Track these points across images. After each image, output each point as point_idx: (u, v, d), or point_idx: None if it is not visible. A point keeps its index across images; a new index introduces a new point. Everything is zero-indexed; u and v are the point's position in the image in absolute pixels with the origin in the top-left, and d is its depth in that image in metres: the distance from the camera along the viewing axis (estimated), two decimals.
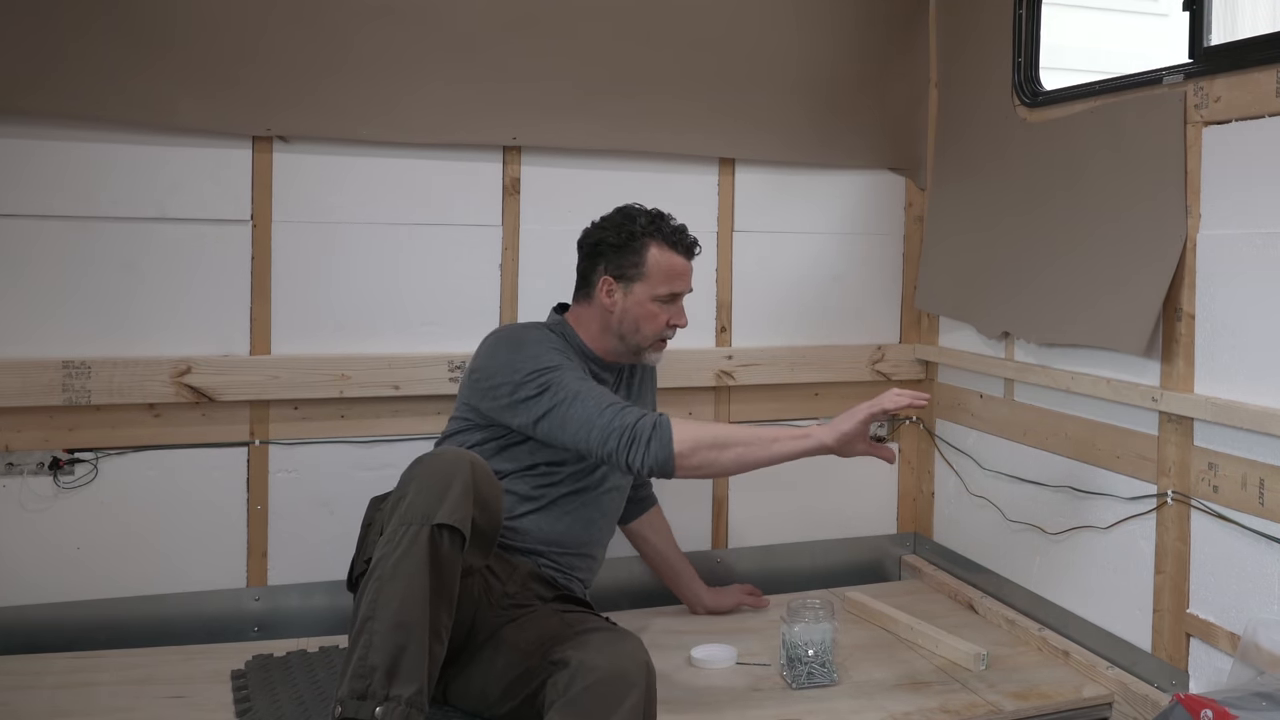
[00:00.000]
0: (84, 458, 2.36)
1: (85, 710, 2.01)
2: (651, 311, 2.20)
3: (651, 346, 2.24)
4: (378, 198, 2.53)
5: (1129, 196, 2.22)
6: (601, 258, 2.20)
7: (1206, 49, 2.08)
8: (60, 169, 2.31)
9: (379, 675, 1.64)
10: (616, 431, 1.95)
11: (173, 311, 2.40)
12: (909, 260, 2.97)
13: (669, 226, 2.22)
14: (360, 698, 1.63)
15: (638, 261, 2.19)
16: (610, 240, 2.20)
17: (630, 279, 2.19)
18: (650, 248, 2.19)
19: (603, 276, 2.20)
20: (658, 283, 2.19)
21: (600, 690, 1.74)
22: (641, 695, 1.76)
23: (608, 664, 1.78)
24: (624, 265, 2.19)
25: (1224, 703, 1.64)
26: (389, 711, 1.62)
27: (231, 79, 2.37)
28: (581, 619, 2.00)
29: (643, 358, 2.26)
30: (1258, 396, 1.94)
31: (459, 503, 1.73)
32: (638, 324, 2.20)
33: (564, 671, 1.78)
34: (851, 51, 2.84)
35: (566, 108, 2.60)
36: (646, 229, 2.19)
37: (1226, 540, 2.01)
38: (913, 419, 2.99)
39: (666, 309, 2.21)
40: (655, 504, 2.56)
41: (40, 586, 2.32)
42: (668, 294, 2.20)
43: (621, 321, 2.20)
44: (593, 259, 2.22)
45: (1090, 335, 2.31)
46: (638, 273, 2.19)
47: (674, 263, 2.21)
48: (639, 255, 2.18)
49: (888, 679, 2.23)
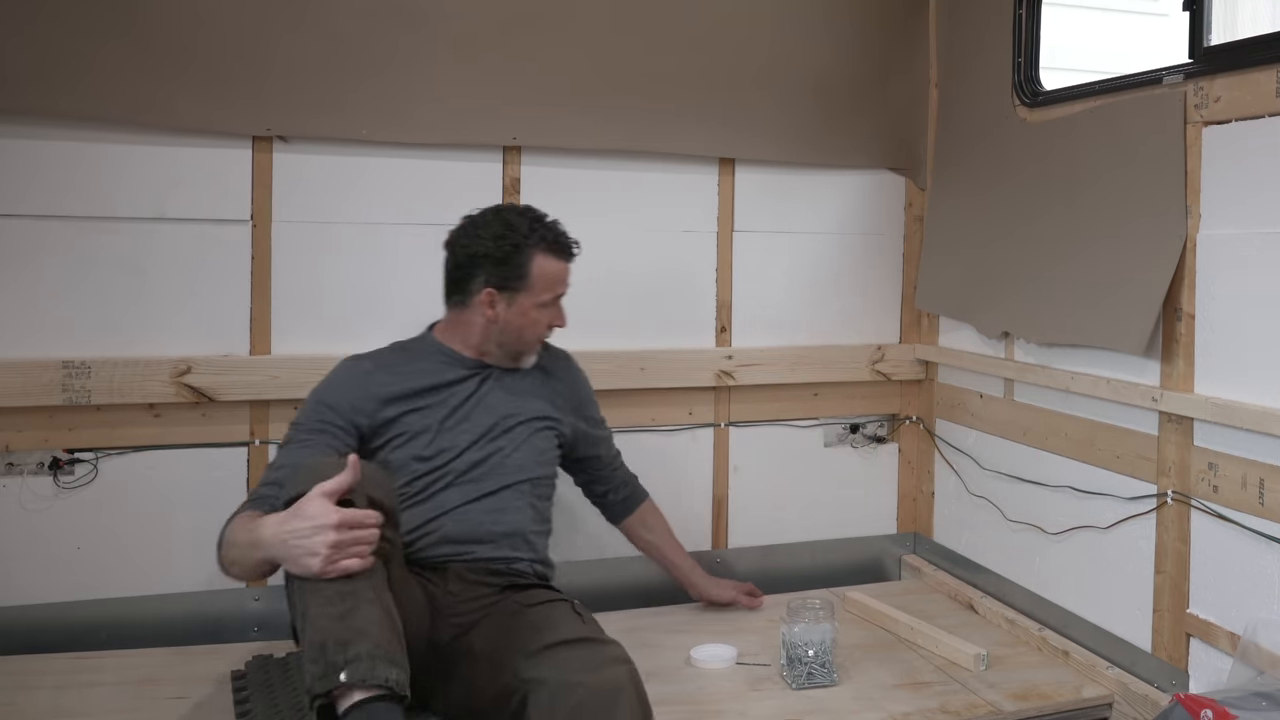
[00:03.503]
0: (84, 458, 2.36)
1: (85, 710, 2.01)
2: (535, 319, 2.16)
3: (532, 350, 2.22)
4: (378, 198, 2.53)
5: (1129, 196, 2.22)
6: (481, 269, 2.13)
7: (1206, 49, 2.08)
8: (60, 169, 2.31)
9: (330, 647, 1.58)
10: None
11: (173, 311, 2.40)
12: (909, 260, 2.97)
13: (552, 233, 2.16)
14: (322, 676, 1.57)
15: (523, 274, 2.12)
16: (492, 253, 2.12)
17: (514, 290, 2.13)
18: (535, 258, 2.13)
19: (484, 289, 2.13)
20: (541, 291, 2.14)
21: (591, 705, 1.69)
22: (633, 697, 1.72)
23: (590, 679, 1.72)
24: (507, 277, 2.12)
25: (1224, 703, 1.64)
26: (354, 670, 1.56)
27: (231, 79, 2.37)
28: (551, 618, 1.94)
29: (521, 361, 2.23)
30: (1258, 396, 1.94)
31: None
32: (520, 332, 2.17)
33: (544, 691, 1.73)
34: (852, 51, 2.84)
35: (566, 108, 2.60)
36: (530, 238, 2.12)
37: (1226, 540, 2.01)
38: (912, 419, 2.99)
39: (548, 313, 2.18)
40: (643, 500, 2.53)
41: (40, 586, 2.32)
42: (551, 299, 2.17)
43: (504, 331, 2.16)
44: (470, 268, 2.14)
45: (1090, 335, 2.31)
46: (522, 284, 2.13)
47: (557, 270, 2.17)
48: (524, 267, 2.12)
49: (888, 679, 2.23)
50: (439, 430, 2.13)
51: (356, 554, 1.65)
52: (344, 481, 1.68)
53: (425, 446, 2.11)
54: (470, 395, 2.18)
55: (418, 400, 2.13)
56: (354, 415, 2.07)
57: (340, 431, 2.04)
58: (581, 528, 2.67)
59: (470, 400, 2.18)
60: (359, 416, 2.07)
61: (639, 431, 2.74)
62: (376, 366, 2.14)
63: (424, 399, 2.13)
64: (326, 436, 2.02)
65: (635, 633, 2.42)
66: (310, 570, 1.63)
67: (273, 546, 1.68)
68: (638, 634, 2.41)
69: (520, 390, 2.24)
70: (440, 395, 2.15)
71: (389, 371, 2.14)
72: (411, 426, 2.11)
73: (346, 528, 1.64)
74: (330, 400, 2.07)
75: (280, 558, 1.68)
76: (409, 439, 2.10)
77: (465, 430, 2.15)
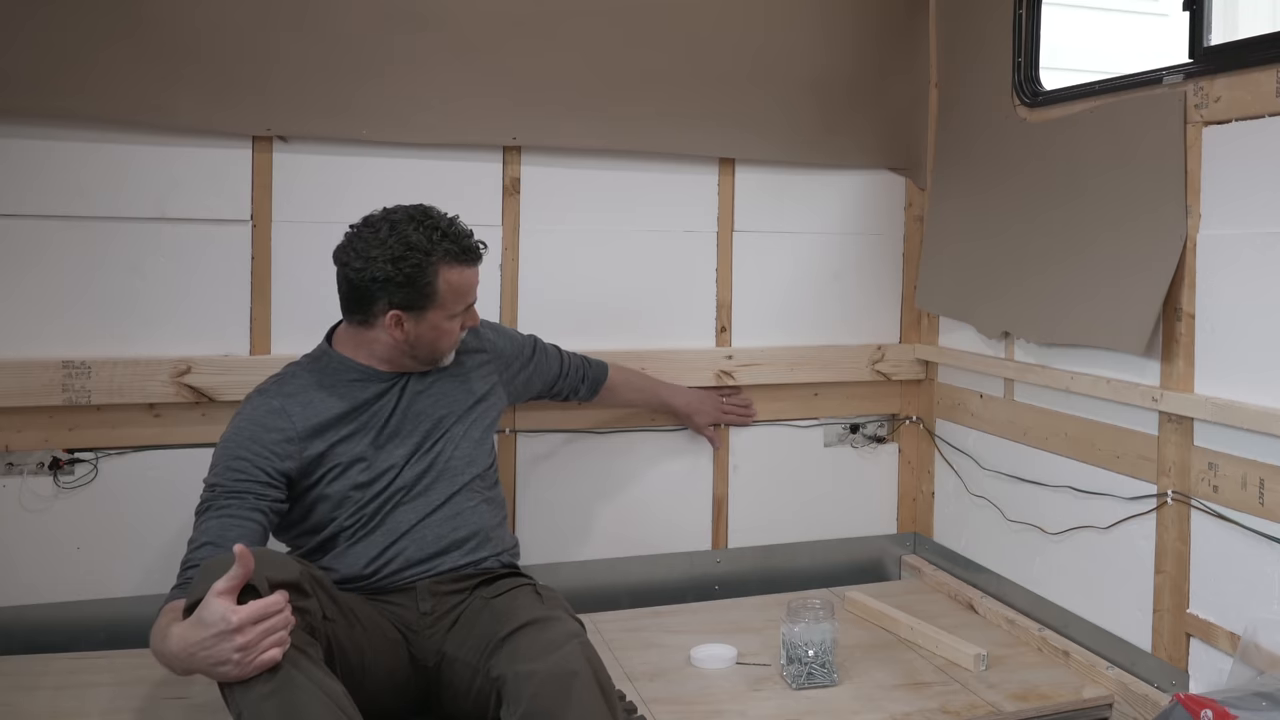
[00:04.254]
0: (84, 458, 2.36)
1: (85, 711, 2.01)
2: (447, 330, 2.05)
3: (447, 353, 2.12)
4: (378, 198, 2.49)
5: (1129, 196, 2.22)
6: (383, 292, 1.98)
7: (1206, 49, 2.08)
8: (60, 169, 2.31)
9: None
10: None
11: (173, 311, 2.40)
12: (909, 260, 2.97)
13: (457, 243, 2.01)
14: None
15: (430, 292, 1.99)
16: (393, 277, 1.96)
17: (422, 309, 2.00)
18: (441, 273, 1.99)
19: (389, 311, 1.99)
20: (452, 305, 2.03)
21: (546, 694, 1.68)
22: (589, 677, 1.71)
23: (542, 667, 1.71)
24: (413, 298, 1.99)
25: (1224, 703, 1.64)
26: None
27: (231, 79, 2.37)
28: (509, 609, 1.91)
29: (439, 364, 2.13)
30: (1258, 396, 1.94)
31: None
32: (434, 344, 2.06)
33: (506, 688, 1.73)
34: (852, 51, 2.84)
35: (566, 108, 2.60)
36: (433, 254, 1.98)
37: (1226, 540, 2.01)
38: (912, 419, 2.99)
39: (461, 318, 2.07)
40: (606, 372, 2.53)
41: (40, 586, 2.32)
42: (463, 308, 2.07)
43: (415, 346, 2.04)
44: (369, 291, 1.99)
45: (1090, 335, 2.31)
46: (430, 302, 2.00)
47: (465, 278, 2.04)
48: (431, 286, 1.99)
49: (888, 679, 2.23)
50: (372, 453, 2.03)
51: (271, 645, 1.56)
52: (235, 577, 1.56)
53: (362, 472, 2.02)
54: (394, 407, 2.08)
55: (341, 427, 2.02)
56: (276, 463, 1.93)
57: (261, 487, 1.91)
58: (581, 528, 2.67)
59: (396, 413, 2.07)
60: (283, 462, 1.94)
61: (639, 431, 2.74)
62: (286, 400, 2.00)
63: (347, 424, 2.02)
64: (249, 499, 1.88)
65: (635, 633, 2.43)
66: (230, 678, 1.55)
67: (186, 661, 1.58)
68: (638, 634, 2.42)
69: (441, 386, 2.15)
70: (363, 416, 2.04)
71: (301, 404, 2.00)
72: (343, 456, 2.01)
73: (250, 625, 1.54)
74: (246, 453, 1.92)
75: (197, 670, 1.59)
76: (343, 469, 2.00)
77: (399, 445, 2.06)
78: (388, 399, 2.09)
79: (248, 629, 1.53)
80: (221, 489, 1.89)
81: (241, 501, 1.88)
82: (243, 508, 1.87)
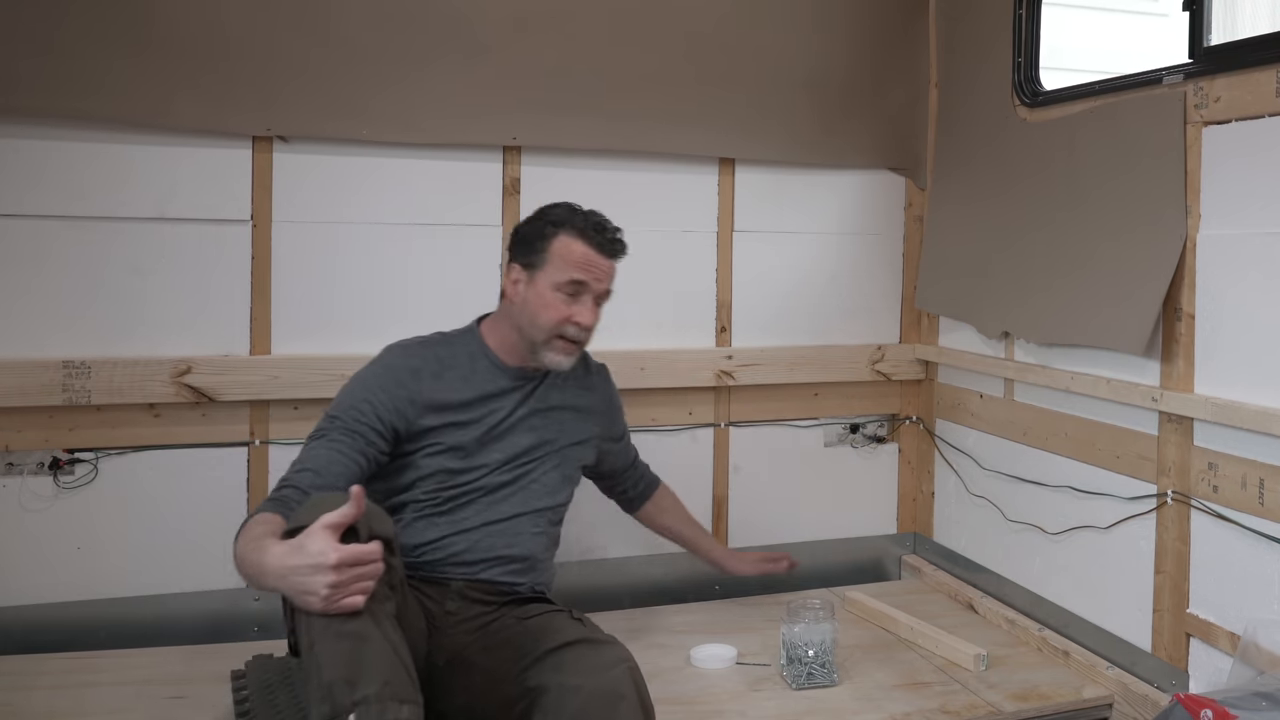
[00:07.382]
0: (84, 458, 2.36)
1: (84, 710, 2.01)
2: (549, 301, 2.04)
3: (549, 344, 2.06)
4: (378, 198, 2.53)
5: (1129, 196, 2.22)
6: (514, 249, 2.11)
7: (1206, 49, 2.08)
8: (60, 169, 2.31)
9: (338, 687, 1.54)
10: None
11: (173, 311, 2.40)
12: (909, 260, 2.97)
13: (587, 220, 2.09)
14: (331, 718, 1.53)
15: (543, 248, 2.05)
16: (523, 231, 2.11)
17: (534, 266, 2.05)
18: (558, 236, 2.06)
19: (510, 264, 2.10)
20: (558, 269, 2.03)
21: (591, 710, 1.68)
22: (635, 703, 1.71)
23: (590, 683, 1.71)
24: (530, 253, 2.07)
25: (1224, 703, 1.64)
26: (363, 714, 1.53)
27: (231, 79, 2.37)
28: (549, 626, 1.92)
29: (541, 357, 2.08)
30: (1258, 396, 1.94)
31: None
32: (535, 314, 2.05)
33: (546, 698, 1.73)
34: (851, 51, 2.84)
35: (566, 108, 2.60)
36: (558, 219, 2.08)
37: (1226, 540, 2.01)
38: (912, 419, 2.99)
39: (568, 302, 2.04)
40: (658, 486, 2.51)
41: (40, 586, 2.32)
42: (568, 281, 2.04)
43: (522, 312, 2.06)
44: (511, 249, 2.13)
45: (1090, 335, 2.31)
46: (541, 259, 2.05)
47: (580, 251, 2.05)
48: (545, 241, 2.06)
49: (888, 679, 2.23)
50: (474, 447, 2.07)
51: (359, 591, 1.59)
52: (347, 516, 1.60)
53: (457, 459, 2.05)
54: (510, 414, 2.11)
55: (460, 413, 2.06)
56: (394, 419, 2.00)
57: (375, 435, 1.97)
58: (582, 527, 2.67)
59: (509, 420, 2.11)
60: (399, 420, 2.00)
61: (639, 431, 2.73)
62: (423, 366, 2.06)
63: (466, 412, 2.06)
64: (360, 441, 1.95)
65: (635, 633, 2.42)
66: (312, 608, 1.58)
67: (275, 579, 1.61)
68: (638, 634, 2.41)
69: (558, 414, 2.18)
70: (482, 410, 2.08)
71: (434, 376, 2.06)
72: (448, 439, 2.05)
73: (347, 566, 1.57)
74: (374, 399, 1.99)
75: (282, 590, 1.63)
76: (443, 450, 2.04)
77: (498, 450, 2.09)
78: (508, 401, 2.11)
79: (344, 569, 1.56)
80: (340, 423, 1.96)
81: (353, 440, 1.94)
82: (353, 447, 1.94)
